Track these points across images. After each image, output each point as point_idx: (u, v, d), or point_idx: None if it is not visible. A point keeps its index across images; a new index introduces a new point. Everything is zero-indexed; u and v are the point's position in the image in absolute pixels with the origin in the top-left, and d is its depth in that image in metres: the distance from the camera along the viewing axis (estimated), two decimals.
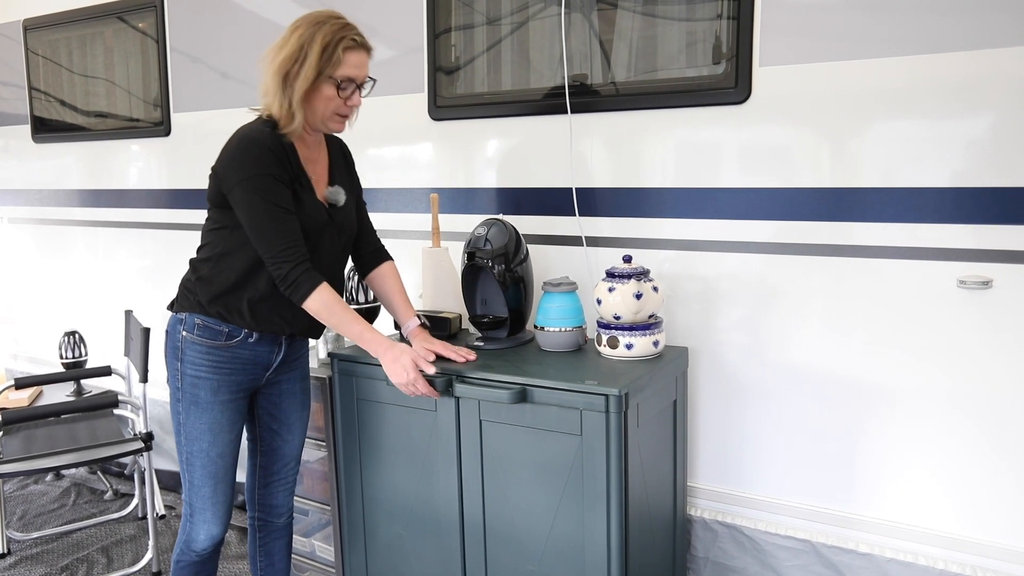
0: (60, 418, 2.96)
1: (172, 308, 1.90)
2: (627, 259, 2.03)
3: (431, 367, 1.85)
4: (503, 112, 2.37)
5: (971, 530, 1.91)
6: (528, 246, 2.14)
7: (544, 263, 2.34)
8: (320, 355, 2.35)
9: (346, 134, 1.91)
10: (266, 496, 2.07)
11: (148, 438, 2.65)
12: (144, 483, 2.79)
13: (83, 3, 3.35)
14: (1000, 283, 1.80)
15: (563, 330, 2.03)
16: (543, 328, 2.05)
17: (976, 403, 1.86)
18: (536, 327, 2.07)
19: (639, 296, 1.95)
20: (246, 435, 2.02)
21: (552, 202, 2.32)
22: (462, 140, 2.47)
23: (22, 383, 2.86)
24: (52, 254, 3.79)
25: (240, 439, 1.92)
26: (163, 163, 3.26)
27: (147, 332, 2.75)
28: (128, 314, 3.03)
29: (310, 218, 1.80)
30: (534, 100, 2.31)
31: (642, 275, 1.99)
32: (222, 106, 3.00)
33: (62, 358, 3.25)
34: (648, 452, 1.90)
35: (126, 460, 3.33)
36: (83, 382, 3.25)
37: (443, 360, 1.93)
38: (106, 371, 3.01)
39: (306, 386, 2.06)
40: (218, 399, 1.84)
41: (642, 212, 2.19)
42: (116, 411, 2.96)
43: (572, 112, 2.22)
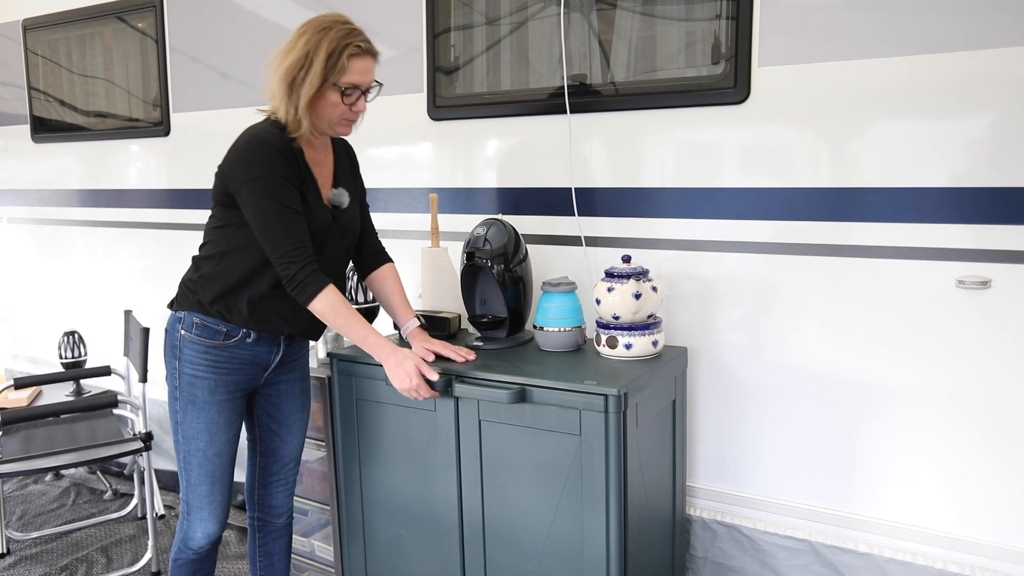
0: (59, 418, 2.96)
1: (172, 307, 1.90)
2: (626, 259, 2.03)
3: (434, 373, 1.85)
4: (502, 112, 2.37)
5: (970, 530, 1.91)
6: (527, 246, 2.14)
7: (543, 263, 2.34)
8: (319, 355, 2.35)
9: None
10: (265, 496, 2.07)
11: (147, 438, 2.65)
12: (143, 483, 2.79)
13: (82, 3, 3.35)
14: (999, 283, 1.80)
15: (562, 330, 2.03)
16: (542, 328, 2.05)
17: (975, 403, 1.86)
18: (535, 327, 2.07)
19: (638, 296, 1.95)
20: (246, 435, 2.03)
21: (551, 202, 2.32)
22: (461, 140, 2.47)
23: (22, 383, 2.86)
24: (52, 254, 3.79)
25: (238, 438, 1.92)
26: (162, 163, 3.26)
27: (146, 332, 2.75)
28: (127, 314, 3.03)
29: (316, 220, 1.80)
30: (533, 100, 2.31)
31: (641, 275, 1.99)
32: (222, 106, 3.00)
33: (62, 358, 3.25)
34: (647, 452, 1.90)
35: (125, 460, 3.33)
36: (82, 382, 3.25)
37: (443, 360, 1.93)
38: (105, 371, 3.01)
39: (306, 387, 2.06)
40: (215, 399, 1.84)
41: (641, 212, 2.19)
42: (115, 411, 2.96)
43: (571, 112, 2.22)
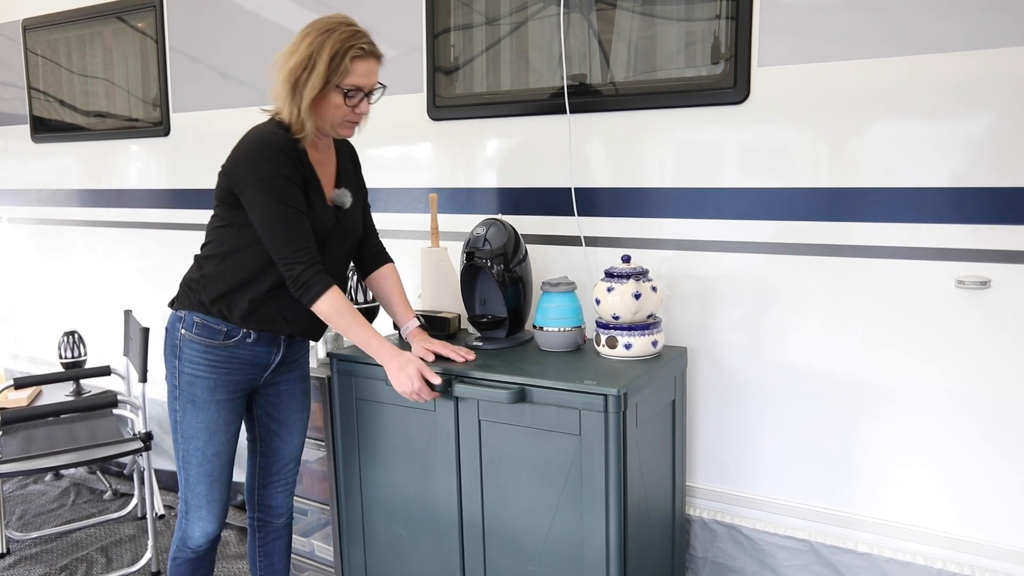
0: (59, 418, 2.96)
1: (172, 305, 1.90)
2: (626, 259, 2.03)
3: (436, 376, 1.85)
4: (502, 112, 2.36)
5: (970, 530, 1.91)
6: (527, 246, 2.14)
7: (543, 263, 2.34)
8: (319, 355, 2.35)
9: None
10: (265, 496, 2.07)
11: (147, 438, 2.65)
12: (143, 483, 2.79)
13: (82, 3, 3.35)
14: (998, 283, 1.80)
15: (562, 330, 2.03)
16: (542, 328, 2.05)
17: (975, 403, 1.86)
18: (535, 327, 2.07)
19: (638, 296, 1.95)
20: (246, 435, 2.03)
21: (551, 202, 2.32)
22: (461, 140, 2.47)
23: (21, 383, 2.86)
24: (52, 254, 3.79)
25: (237, 438, 1.92)
26: (162, 163, 3.26)
27: (146, 332, 2.75)
28: (127, 314, 3.03)
29: (319, 221, 1.80)
30: (533, 100, 2.31)
31: (641, 275, 1.99)
32: (221, 106, 3.00)
33: (61, 358, 3.25)
34: (647, 452, 1.90)
35: (125, 460, 3.33)
36: (82, 382, 3.25)
37: (442, 360, 1.94)
38: (105, 371, 3.01)
39: (306, 387, 2.06)
40: (215, 398, 1.84)
41: (641, 212, 2.19)
42: (115, 411, 2.96)
43: (571, 112, 2.22)
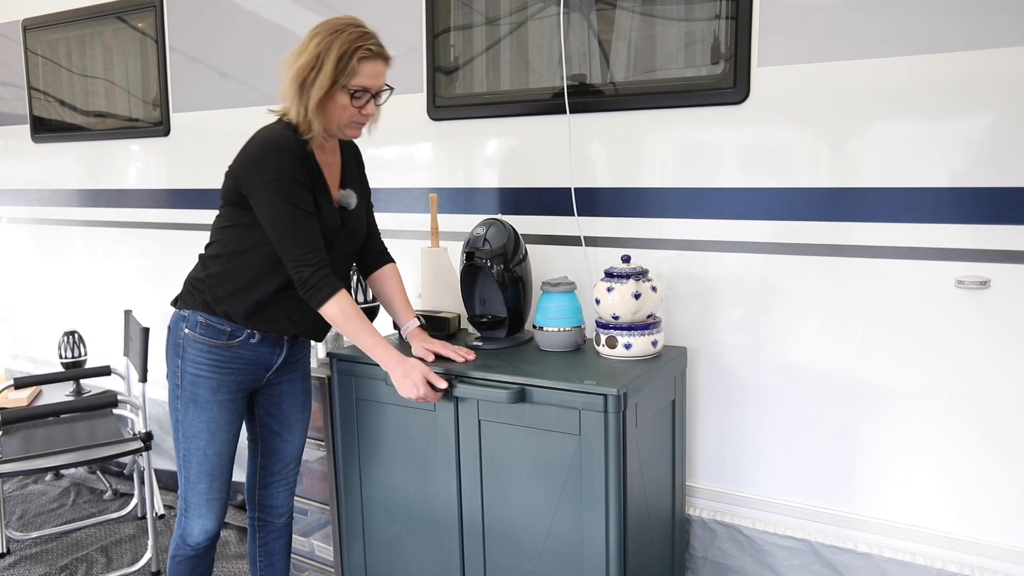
0: (59, 418, 2.96)
1: (176, 304, 1.90)
2: (626, 259, 2.03)
3: (442, 381, 1.85)
4: (502, 112, 2.37)
5: (969, 530, 1.91)
6: (527, 246, 2.14)
7: (543, 263, 2.34)
8: (319, 355, 2.35)
9: None
10: (266, 496, 2.07)
11: (147, 438, 2.65)
12: (143, 483, 2.79)
13: (82, 3, 3.35)
14: (998, 283, 1.80)
15: (562, 330, 2.03)
16: (542, 328, 2.05)
17: (974, 403, 1.86)
18: (535, 327, 2.07)
19: (638, 296, 1.95)
20: (246, 435, 2.03)
21: (551, 202, 2.32)
22: (461, 140, 2.47)
23: (21, 383, 2.86)
24: (52, 254, 3.79)
25: (238, 437, 1.92)
26: (162, 163, 3.26)
27: (146, 332, 2.75)
28: (127, 314, 3.04)
29: (326, 223, 1.81)
30: (533, 100, 2.31)
31: (641, 275, 1.99)
32: (221, 106, 2.99)
33: (61, 358, 3.25)
34: (647, 452, 1.90)
35: (125, 460, 3.33)
36: (82, 382, 3.25)
37: (442, 360, 1.94)
38: (105, 371, 3.01)
39: (307, 387, 2.06)
40: (217, 398, 1.84)
41: (641, 212, 2.19)
42: (115, 411, 2.96)
43: (571, 112, 2.22)
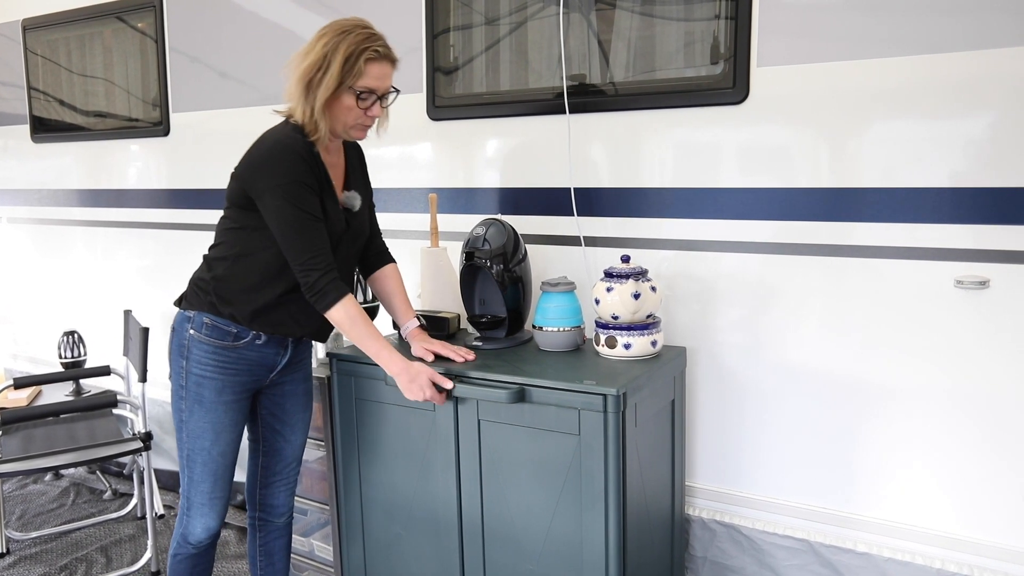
0: (59, 418, 2.96)
1: (180, 304, 1.89)
2: (625, 259, 2.03)
3: (448, 382, 1.86)
4: (502, 112, 2.36)
5: (969, 530, 1.91)
6: (526, 246, 2.14)
7: (542, 263, 2.34)
8: (319, 355, 2.35)
9: None
10: (267, 496, 2.07)
11: (147, 438, 2.65)
12: (143, 483, 2.79)
13: (82, 3, 3.35)
14: (997, 283, 1.80)
15: (561, 330, 2.03)
16: (541, 328, 2.05)
17: (974, 402, 1.86)
18: (534, 327, 2.07)
19: (637, 296, 1.95)
20: (247, 435, 2.03)
21: (550, 202, 2.32)
22: (461, 140, 2.47)
23: (21, 383, 2.86)
24: (51, 254, 3.79)
25: (241, 437, 1.93)
26: (162, 163, 3.26)
27: (146, 332, 2.75)
28: (127, 314, 3.04)
29: (332, 225, 1.81)
30: (533, 100, 2.31)
31: (640, 275, 1.99)
32: (221, 106, 2.99)
33: (61, 358, 3.25)
34: (646, 452, 1.90)
35: (125, 460, 3.33)
36: (82, 382, 3.25)
37: (442, 360, 1.94)
38: (105, 371, 3.01)
39: (309, 387, 2.06)
40: (222, 399, 1.84)
41: (640, 212, 2.19)
42: (115, 411, 2.96)
43: (571, 112, 2.22)
